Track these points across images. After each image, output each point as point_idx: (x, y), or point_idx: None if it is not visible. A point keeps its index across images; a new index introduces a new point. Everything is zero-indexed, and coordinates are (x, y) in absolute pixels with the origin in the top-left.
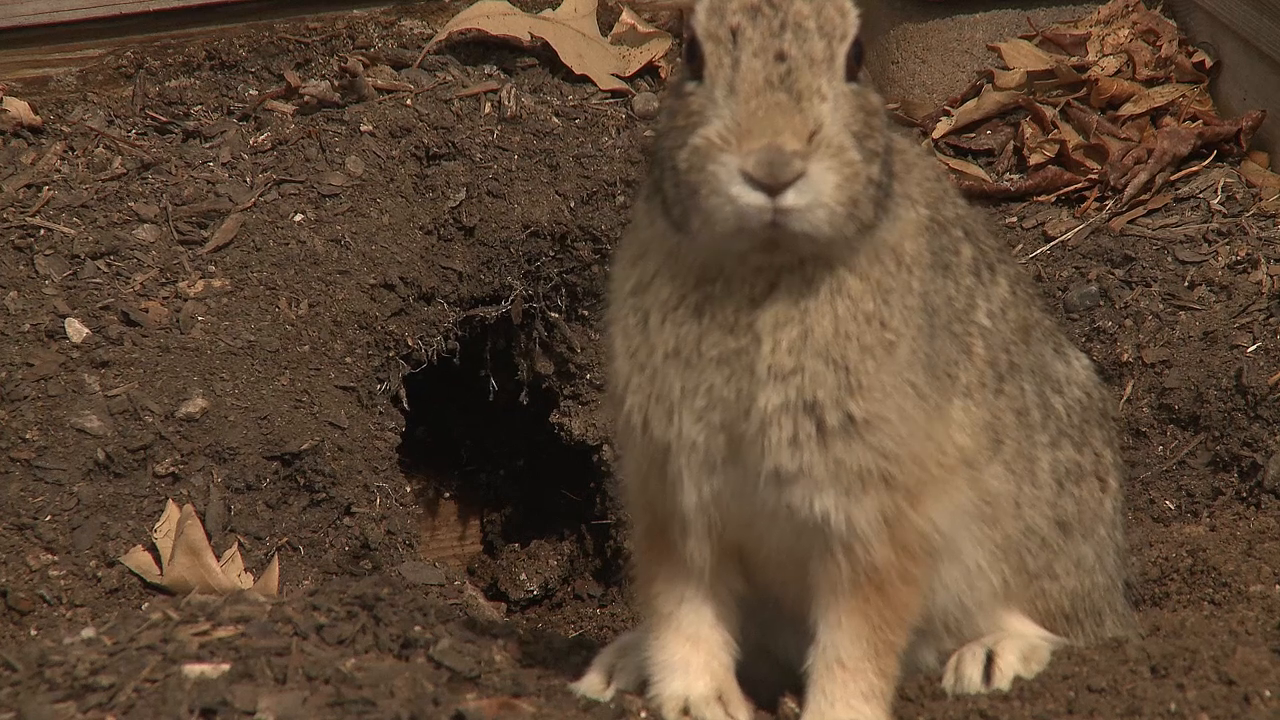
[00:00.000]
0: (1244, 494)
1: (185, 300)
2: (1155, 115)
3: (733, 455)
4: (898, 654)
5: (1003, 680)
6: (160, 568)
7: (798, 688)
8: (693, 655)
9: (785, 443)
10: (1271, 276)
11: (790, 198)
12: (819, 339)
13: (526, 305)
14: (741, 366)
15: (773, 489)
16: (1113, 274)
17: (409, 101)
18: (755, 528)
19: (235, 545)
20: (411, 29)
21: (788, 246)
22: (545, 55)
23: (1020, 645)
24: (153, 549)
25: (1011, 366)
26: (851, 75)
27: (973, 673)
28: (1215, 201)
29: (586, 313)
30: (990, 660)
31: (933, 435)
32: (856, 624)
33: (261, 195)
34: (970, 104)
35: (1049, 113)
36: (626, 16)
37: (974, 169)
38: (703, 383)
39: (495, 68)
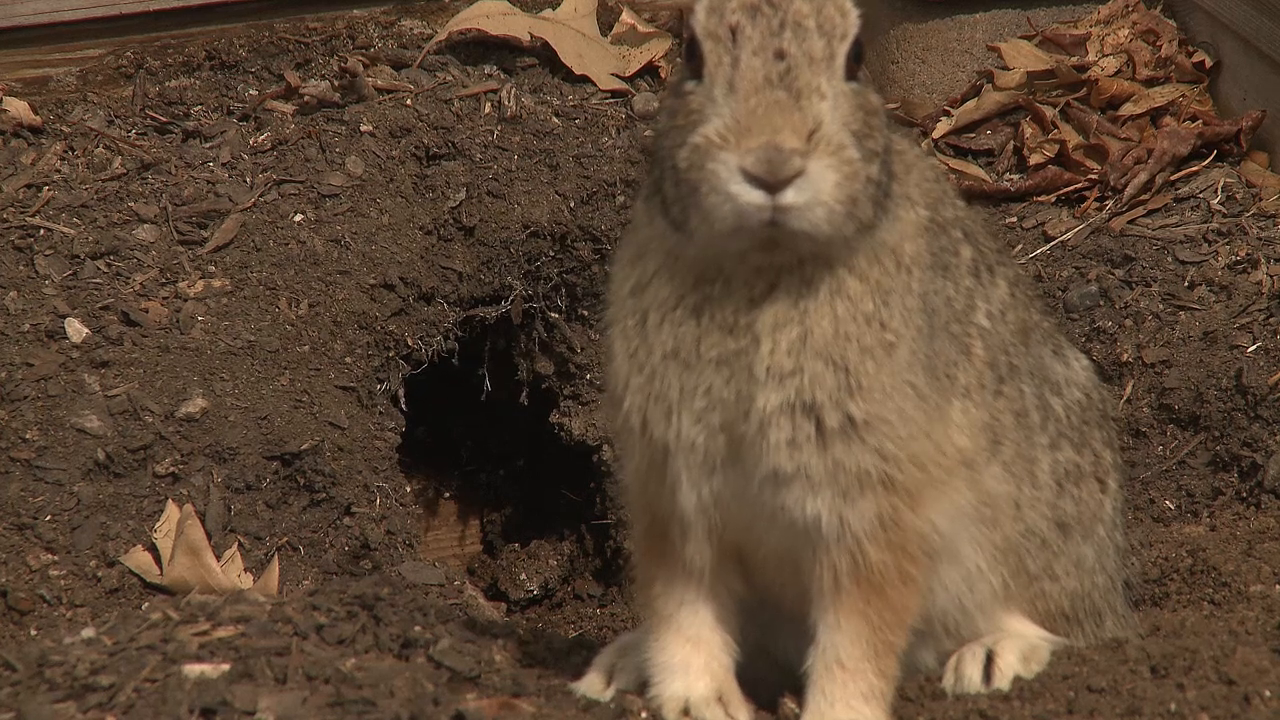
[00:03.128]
0: (1244, 494)
1: (185, 300)
2: (1155, 115)
3: (732, 456)
4: (897, 654)
5: (1003, 680)
6: (160, 568)
7: (797, 688)
8: (693, 656)
9: (784, 444)
10: (1271, 276)
11: (789, 195)
12: (819, 340)
13: (526, 305)
14: (740, 367)
15: (769, 490)
16: (1113, 274)
17: (409, 101)
18: (754, 529)
19: (235, 545)
20: (411, 29)
21: (787, 245)
22: (545, 55)
23: (1020, 645)
24: (153, 549)
25: (1011, 368)
26: (851, 75)
27: (973, 673)
28: (1215, 201)
29: (586, 313)
30: (990, 660)
31: (932, 436)
32: (856, 625)
33: (261, 195)
34: (970, 104)
35: (1049, 113)
36: (626, 16)
37: (974, 169)
38: (701, 384)
39: (495, 68)
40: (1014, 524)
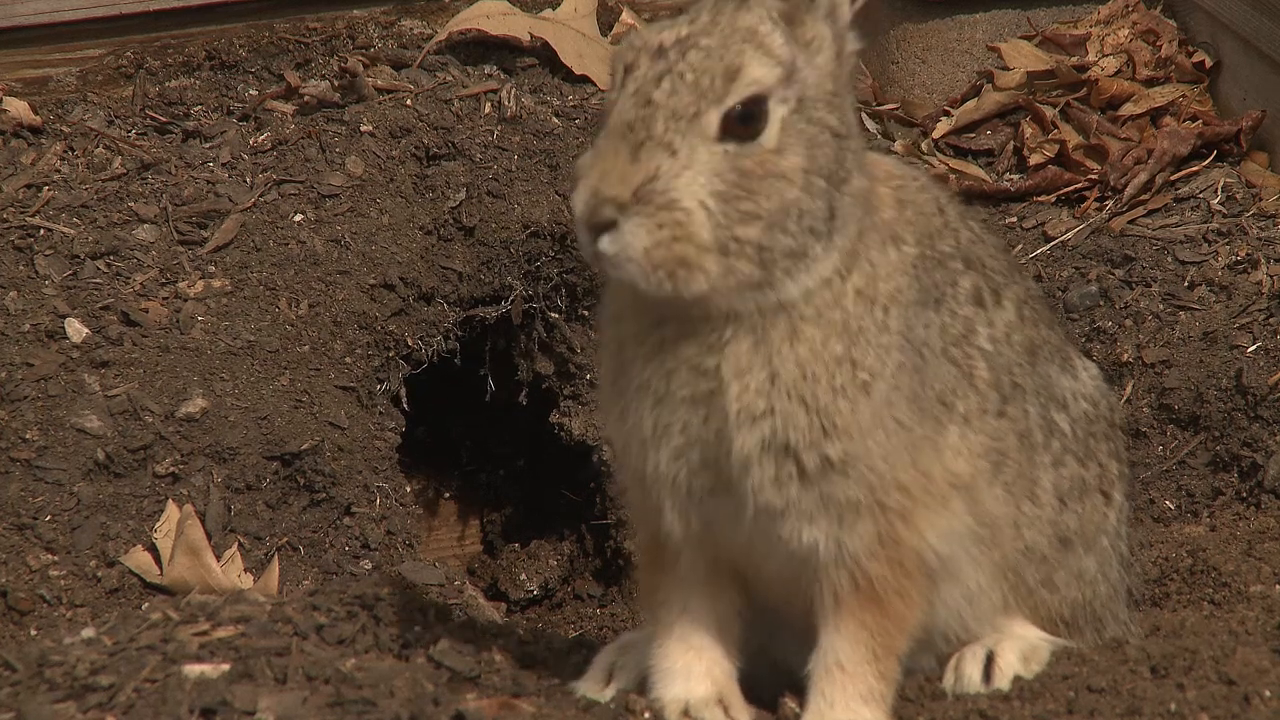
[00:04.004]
0: (1244, 494)
1: (185, 300)
2: (1155, 115)
3: (723, 488)
4: (898, 657)
5: (1003, 680)
6: (160, 568)
7: (798, 688)
8: (695, 662)
9: (768, 482)
10: (1271, 276)
11: (604, 243)
12: (787, 380)
13: (526, 305)
14: (715, 408)
15: (764, 520)
16: (1113, 274)
17: (409, 101)
18: (750, 553)
19: (235, 545)
20: (411, 29)
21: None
22: (545, 55)
23: (1020, 645)
24: (153, 549)
25: (1015, 388)
26: (743, 135)
27: (973, 673)
28: (1215, 201)
29: (586, 313)
30: (990, 660)
31: (919, 464)
32: (856, 630)
33: (261, 195)
34: (970, 104)
35: (1049, 113)
36: (626, 16)
37: (974, 169)
38: (675, 421)
39: (495, 68)
40: (1014, 542)
